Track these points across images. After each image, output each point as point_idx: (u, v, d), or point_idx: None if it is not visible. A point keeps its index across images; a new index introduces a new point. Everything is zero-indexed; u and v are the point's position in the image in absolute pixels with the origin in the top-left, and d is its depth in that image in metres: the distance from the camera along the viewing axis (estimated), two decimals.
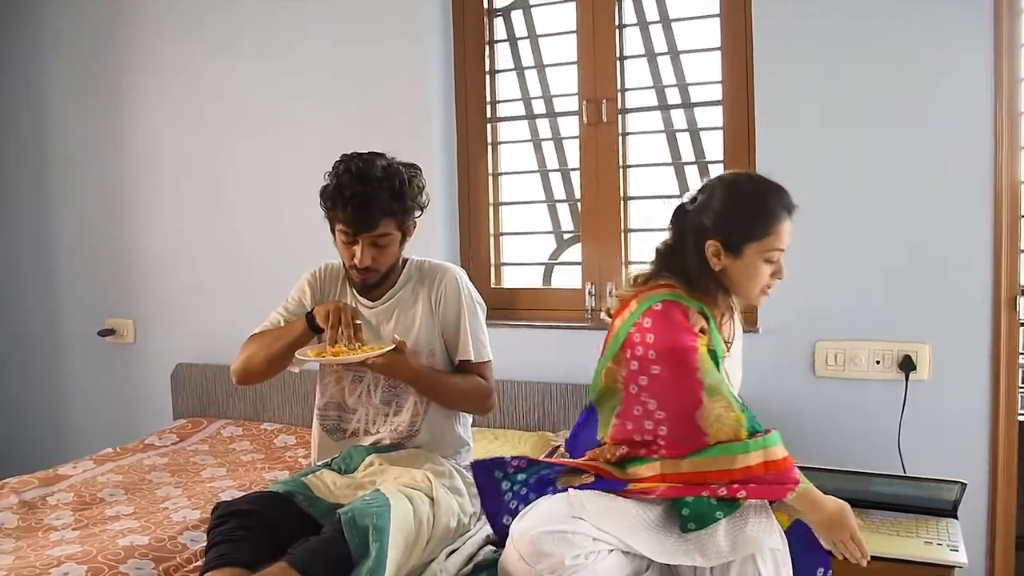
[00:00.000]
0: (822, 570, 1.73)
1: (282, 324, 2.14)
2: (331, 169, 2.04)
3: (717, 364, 1.76)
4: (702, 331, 1.78)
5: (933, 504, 1.99)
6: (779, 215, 1.78)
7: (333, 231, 2.06)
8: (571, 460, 1.86)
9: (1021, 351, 2.36)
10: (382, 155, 2.05)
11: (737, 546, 1.62)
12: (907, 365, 2.40)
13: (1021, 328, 2.35)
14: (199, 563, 1.96)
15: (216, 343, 3.25)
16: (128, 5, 3.35)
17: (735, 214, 1.78)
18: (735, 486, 1.63)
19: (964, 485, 1.95)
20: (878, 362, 2.44)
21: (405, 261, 2.17)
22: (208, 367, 3.23)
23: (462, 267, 2.32)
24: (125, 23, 3.36)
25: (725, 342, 1.85)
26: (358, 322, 1.98)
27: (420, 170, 2.10)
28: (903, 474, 2.10)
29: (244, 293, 3.22)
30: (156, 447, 2.91)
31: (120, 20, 3.37)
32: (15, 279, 3.64)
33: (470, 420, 2.24)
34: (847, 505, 1.72)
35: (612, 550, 1.63)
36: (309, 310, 2.07)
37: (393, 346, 1.96)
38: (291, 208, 3.12)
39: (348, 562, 1.64)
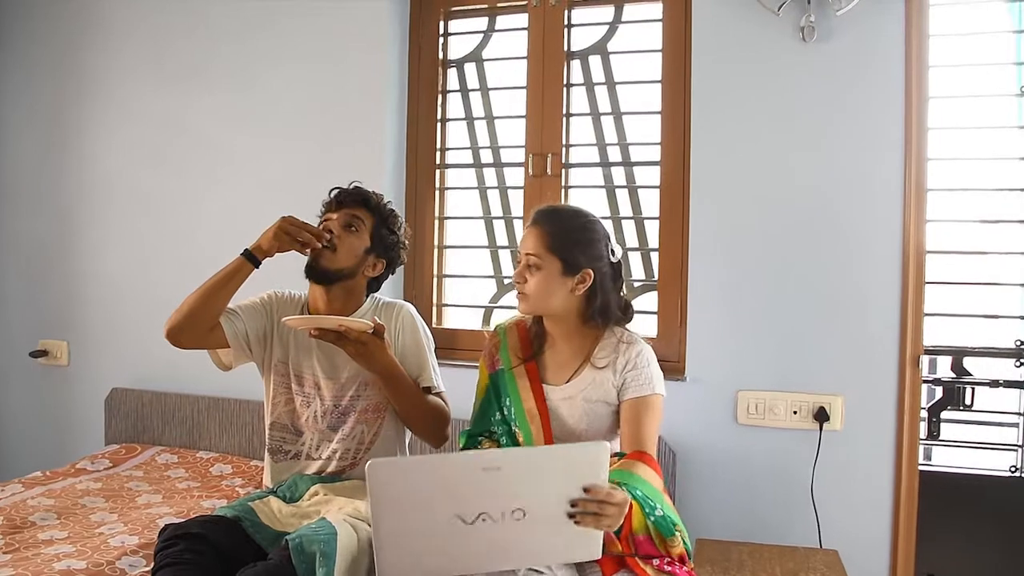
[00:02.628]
0: None
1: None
2: None
3: (501, 384, 2.01)
4: (495, 348, 2.06)
5: None
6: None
7: None
8: None
9: (923, 406, 2.56)
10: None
11: None
12: (821, 416, 2.57)
13: (923, 385, 2.55)
14: None
15: (153, 369, 3.25)
16: (88, 34, 3.39)
17: None
18: None
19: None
20: (795, 412, 2.61)
21: (366, 296, 2.25)
22: (144, 393, 3.22)
23: None
24: (84, 50, 3.40)
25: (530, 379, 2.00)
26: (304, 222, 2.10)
27: (407, 229, 2.32)
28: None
29: None
30: (88, 471, 2.88)
31: (79, 48, 3.40)
32: None
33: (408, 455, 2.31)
34: None
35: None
36: (268, 320, 2.19)
37: (372, 326, 1.96)
38: (240, 242, 3.14)
39: None
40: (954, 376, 2.62)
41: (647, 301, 2.89)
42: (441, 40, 3.11)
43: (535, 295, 1.93)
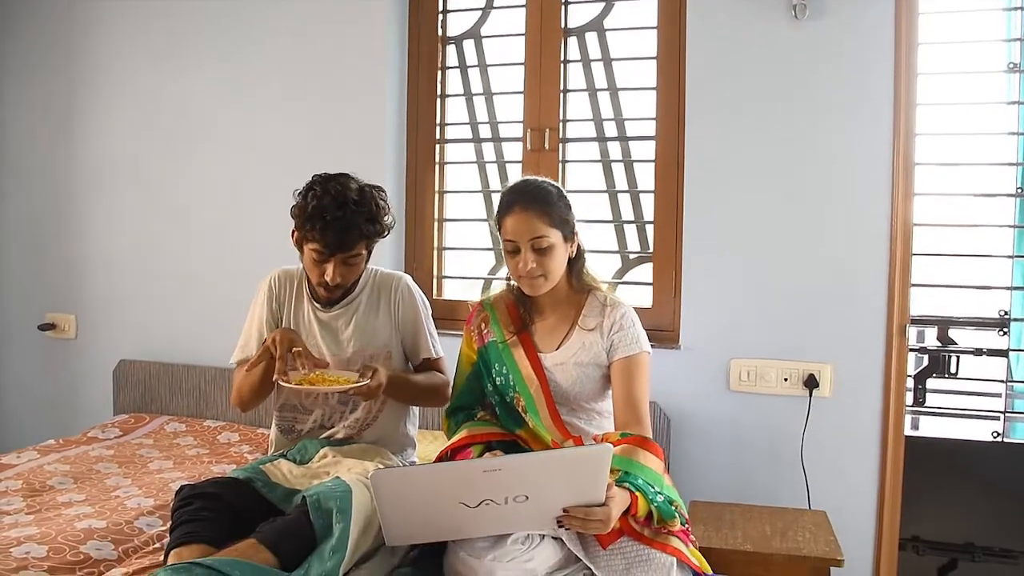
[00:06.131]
0: None
1: (252, 340, 2.21)
2: (305, 190, 2.09)
3: (493, 355, 2.08)
4: (484, 323, 2.12)
5: None
6: (501, 212, 2.02)
7: (300, 248, 2.13)
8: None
9: (909, 374, 2.64)
10: (352, 176, 2.13)
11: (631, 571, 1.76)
12: (811, 383, 2.66)
13: (909, 353, 2.63)
14: (156, 546, 2.09)
15: (160, 341, 3.32)
16: (84, 11, 3.43)
17: None
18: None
19: None
20: (786, 379, 2.69)
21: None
22: (152, 364, 3.30)
23: None
24: (81, 29, 3.44)
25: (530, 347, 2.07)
26: (297, 349, 2.03)
27: (385, 192, 2.19)
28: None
29: (190, 293, 3.30)
30: (100, 440, 2.96)
31: (76, 26, 3.45)
32: None
33: (417, 420, 2.40)
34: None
35: (543, 536, 1.81)
36: (279, 315, 2.22)
37: (366, 380, 2.01)
38: (241, 215, 3.23)
39: (312, 540, 1.76)
40: (940, 345, 2.70)
41: (642, 272, 2.97)
42: (440, 17, 3.17)
43: (554, 274, 1.99)
